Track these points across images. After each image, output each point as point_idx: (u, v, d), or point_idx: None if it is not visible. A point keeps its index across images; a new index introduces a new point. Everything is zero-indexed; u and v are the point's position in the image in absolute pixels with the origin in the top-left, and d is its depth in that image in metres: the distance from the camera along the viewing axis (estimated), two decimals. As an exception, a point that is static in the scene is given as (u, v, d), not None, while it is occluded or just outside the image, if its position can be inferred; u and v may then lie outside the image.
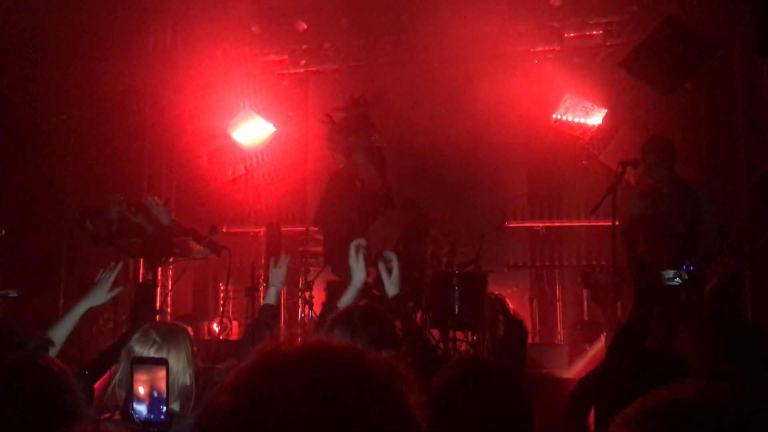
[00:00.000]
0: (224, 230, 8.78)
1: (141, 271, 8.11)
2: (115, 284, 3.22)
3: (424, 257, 6.81)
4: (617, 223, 4.80)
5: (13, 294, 4.53)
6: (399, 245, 6.67)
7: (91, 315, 3.34)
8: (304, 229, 7.63)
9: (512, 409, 2.02)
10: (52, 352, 2.79)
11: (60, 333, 2.95)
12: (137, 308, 6.15)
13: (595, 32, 7.76)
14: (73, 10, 7.15)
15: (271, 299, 3.40)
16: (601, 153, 7.50)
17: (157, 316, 7.04)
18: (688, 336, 4.39)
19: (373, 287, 6.42)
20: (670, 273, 4.45)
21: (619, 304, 5.02)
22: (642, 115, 7.16)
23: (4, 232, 6.39)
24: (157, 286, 6.63)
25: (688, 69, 6.28)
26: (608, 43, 7.64)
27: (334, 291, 6.62)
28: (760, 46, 4.73)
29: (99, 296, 3.18)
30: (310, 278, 7.33)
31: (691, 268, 4.39)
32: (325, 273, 7.19)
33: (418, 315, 6.30)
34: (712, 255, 4.82)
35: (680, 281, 4.38)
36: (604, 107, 7.53)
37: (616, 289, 4.77)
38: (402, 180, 6.72)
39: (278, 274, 3.50)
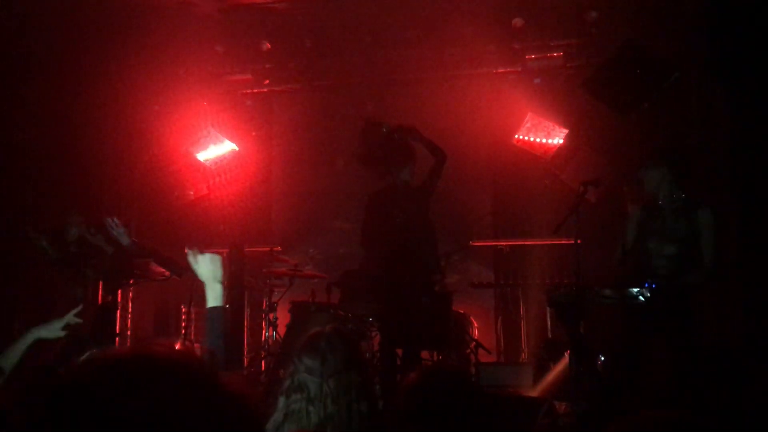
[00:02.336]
0: (186, 251, 8.65)
1: (100, 293, 7.91)
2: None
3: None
4: (579, 241, 4.83)
5: None
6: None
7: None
8: (268, 249, 7.55)
9: (473, 409, 2.10)
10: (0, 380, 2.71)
11: (8, 360, 2.87)
12: (96, 331, 6.01)
13: (555, 54, 7.90)
14: (33, 28, 7.02)
15: (215, 299, 2.67)
16: (562, 173, 7.61)
17: (117, 340, 6.89)
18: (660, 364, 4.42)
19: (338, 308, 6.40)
20: (634, 291, 4.46)
21: (582, 322, 5.06)
22: (602, 136, 7.30)
23: None
24: (117, 309, 6.47)
25: (646, 91, 6.42)
26: (569, 65, 7.79)
27: (298, 312, 6.56)
28: (712, 67, 4.83)
29: (52, 330, 3.10)
30: (274, 299, 7.24)
31: (653, 286, 4.39)
32: (289, 293, 7.13)
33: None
34: (706, 280, 4.66)
35: (644, 299, 4.40)
36: (565, 127, 7.67)
37: (580, 307, 4.79)
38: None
39: (207, 261, 2.72)
